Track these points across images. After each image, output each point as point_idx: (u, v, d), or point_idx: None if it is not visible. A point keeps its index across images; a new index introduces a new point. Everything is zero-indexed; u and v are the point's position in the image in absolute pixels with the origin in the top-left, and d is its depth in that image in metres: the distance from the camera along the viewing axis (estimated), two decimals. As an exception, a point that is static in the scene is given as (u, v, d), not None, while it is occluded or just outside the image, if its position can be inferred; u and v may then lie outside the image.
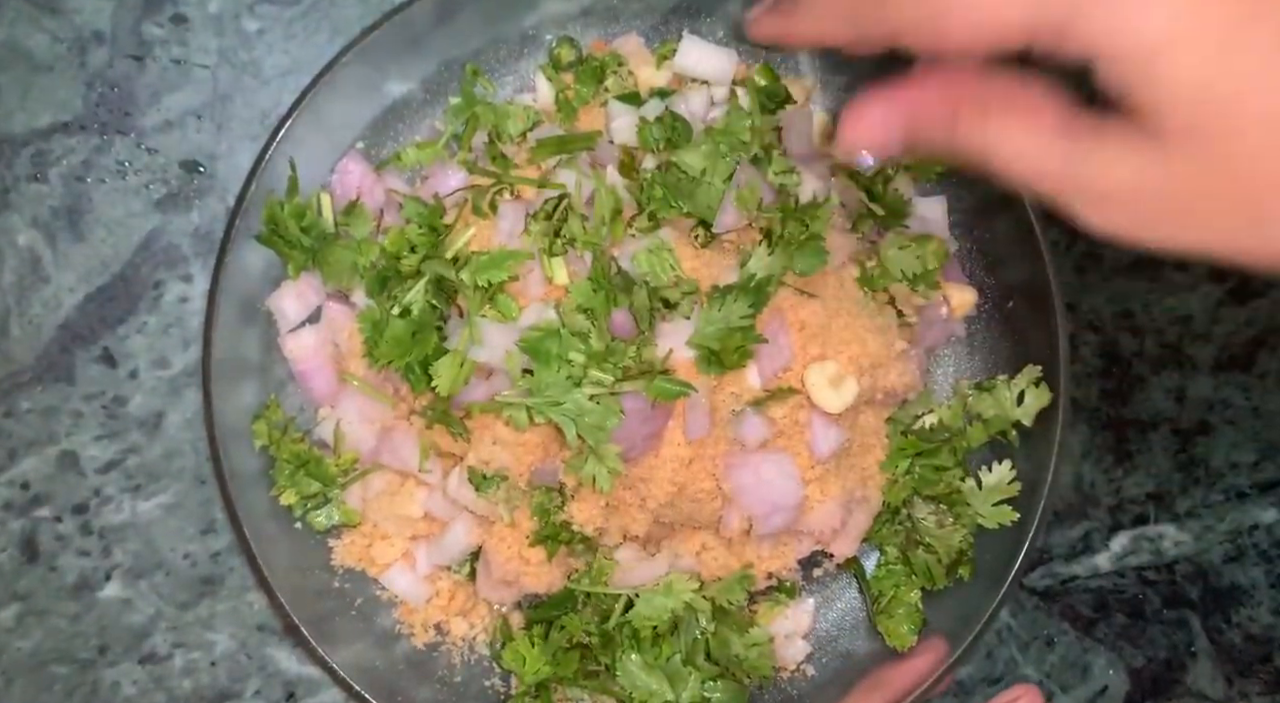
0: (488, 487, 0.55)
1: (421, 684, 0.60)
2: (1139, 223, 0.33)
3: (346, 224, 0.60)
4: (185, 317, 0.65)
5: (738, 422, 0.54)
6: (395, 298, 0.57)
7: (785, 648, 0.62)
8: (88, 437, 0.65)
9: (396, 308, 0.56)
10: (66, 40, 0.65)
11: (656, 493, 0.54)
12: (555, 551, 0.56)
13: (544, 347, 0.52)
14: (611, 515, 0.55)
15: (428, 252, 0.57)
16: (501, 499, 0.56)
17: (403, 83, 0.62)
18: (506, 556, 0.57)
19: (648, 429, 0.53)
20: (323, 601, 0.60)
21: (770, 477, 0.55)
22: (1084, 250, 0.69)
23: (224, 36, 0.66)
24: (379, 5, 0.66)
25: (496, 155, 0.60)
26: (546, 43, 0.63)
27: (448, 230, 0.58)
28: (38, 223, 0.65)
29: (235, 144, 0.66)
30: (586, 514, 0.55)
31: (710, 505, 0.55)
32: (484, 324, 0.54)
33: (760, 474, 0.55)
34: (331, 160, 0.61)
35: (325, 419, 0.60)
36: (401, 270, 0.57)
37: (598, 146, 0.59)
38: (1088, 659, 0.68)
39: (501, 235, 0.57)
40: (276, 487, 0.59)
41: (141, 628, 0.65)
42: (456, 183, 0.60)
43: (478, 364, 0.55)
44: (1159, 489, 0.69)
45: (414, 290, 0.56)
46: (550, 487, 0.55)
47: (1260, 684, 0.68)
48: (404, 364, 0.56)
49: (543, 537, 0.56)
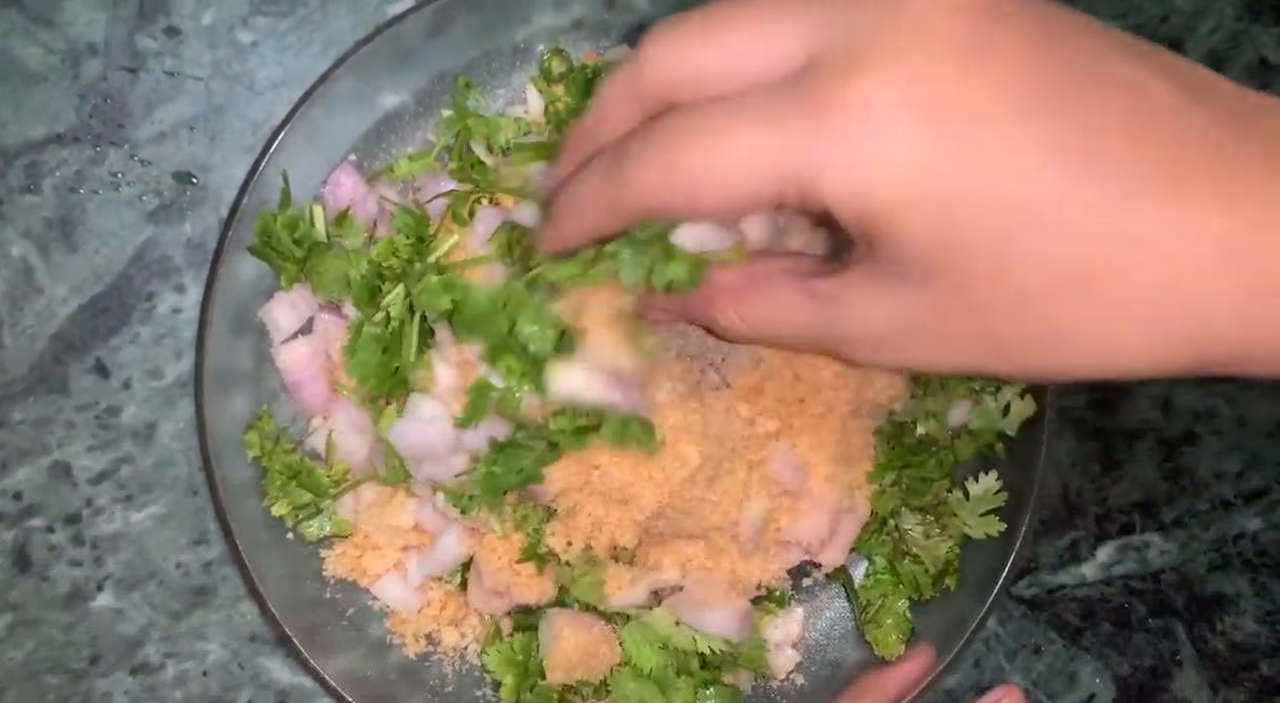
0: (472, 507, 0.55)
1: (413, 694, 0.60)
2: (898, 356, 0.36)
3: (339, 235, 0.60)
4: (178, 327, 0.65)
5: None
6: (380, 309, 0.57)
7: (775, 657, 0.63)
8: (80, 447, 0.65)
9: (377, 319, 0.56)
10: (60, 52, 0.65)
11: (645, 505, 0.54)
12: (544, 566, 0.56)
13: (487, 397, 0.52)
14: (597, 534, 0.56)
15: (405, 263, 0.57)
16: (489, 516, 0.56)
17: (395, 95, 0.62)
18: (497, 566, 0.57)
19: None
20: (315, 611, 0.60)
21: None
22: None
23: (217, 49, 0.66)
24: (372, 18, 0.67)
25: (475, 162, 0.60)
26: (539, 55, 0.64)
27: (432, 239, 0.58)
28: (30, 234, 0.65)
29: (228, 155, 0.66)
30: (566, 540, 0.55)
31: (698, 513, 0.56)
32: (436, 360, 0.55)
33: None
34: (324, 172, 0.61)
35: (317, 430, 0.61)
36: (384, 280, 0.57)
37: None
38: (1075, 667, 0.69)
39: (476, 242, 0.57)
40: (268, 497, 0.59)
41: (134, 638, 0.65)
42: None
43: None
44: (1145, 499, 0.70)
45: (388, 301, 0.56)
46: (537, 502, 0.55)
47: (1245, 692, 0.69)
48: (374, 380, 0.56)
49: (530, 555, 0.56)
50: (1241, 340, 0.31)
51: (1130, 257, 0.31)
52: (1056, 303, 0.32)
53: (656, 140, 0.35)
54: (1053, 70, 0.31)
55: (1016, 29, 0.32)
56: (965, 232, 0.32)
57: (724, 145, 0.33)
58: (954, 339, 0.34)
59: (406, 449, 0.57)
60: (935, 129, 0.31)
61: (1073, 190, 0.31)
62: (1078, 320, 0.32)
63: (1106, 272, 0.31)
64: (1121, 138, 0.31)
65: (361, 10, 0.67)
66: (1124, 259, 0.31)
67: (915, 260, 0.33)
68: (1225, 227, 0.30)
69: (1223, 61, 0.71)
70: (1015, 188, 0.31)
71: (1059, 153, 0.31)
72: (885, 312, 0.35)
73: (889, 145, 0.31)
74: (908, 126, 0.31)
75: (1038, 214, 0.31)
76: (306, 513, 0.60)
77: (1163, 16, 0.70)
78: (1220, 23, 0.71)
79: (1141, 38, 0.34)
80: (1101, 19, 0.33)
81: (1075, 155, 0.31)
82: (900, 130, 0.31)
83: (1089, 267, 0.31)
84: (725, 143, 0.33)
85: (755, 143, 0.33)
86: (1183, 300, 0.31)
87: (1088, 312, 0.32)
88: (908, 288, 0.34)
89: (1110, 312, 0.32)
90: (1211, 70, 0.33)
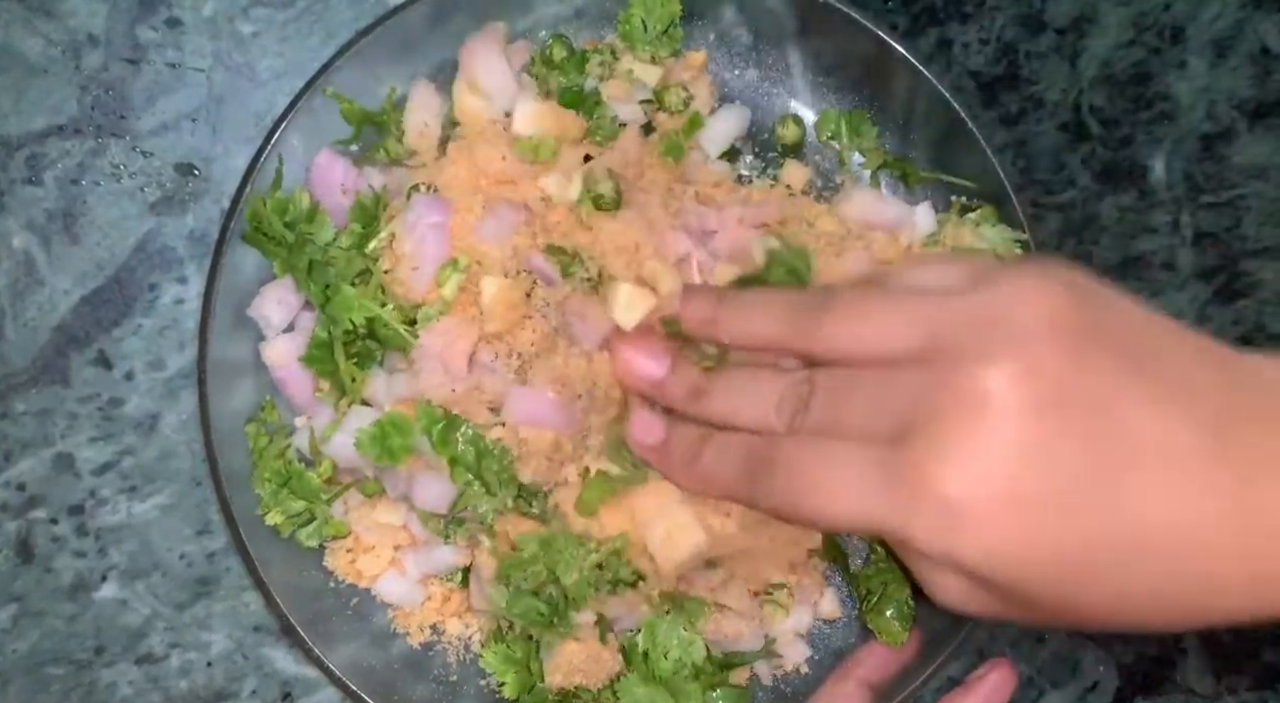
0: (451, 529, 0.56)
1: (417, 683, 0.60)
2: (953, 606, 0.44)
3: (309, 232, 0.58)
4: (180, 319, 0.65)
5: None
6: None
7: (787, 649, 0.62)
8: (83, 438, 0.65)
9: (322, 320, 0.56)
10: (61, 43, 0.65)
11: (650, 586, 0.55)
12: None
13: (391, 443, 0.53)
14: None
15: (347, 253, 0.56)
16: (475, 531, 0.56)
17: (396, 85, 0.62)
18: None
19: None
20: (319, 600, 0.60)
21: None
22: (1072, 251, 0.70)
23: (218, 40, 0.66)
24: (373, 8, 0.66)
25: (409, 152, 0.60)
26: (540, 42, 0.63)
27: (374, 227, 0.57)
28: (32, 226, 0.65)
29: (230, 147, 0.66)
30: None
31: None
32: (374, 369, 0.55)
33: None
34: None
35: (302, 429, 0.60)
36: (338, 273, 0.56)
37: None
38: (1078, 656, 0.69)
39: (407, 228, 0.55)
40: (262, 506, 0.59)
41: (138, 629, 0.65)
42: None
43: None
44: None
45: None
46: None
47: (1249, 680, 0.69)
48: (328, 373, 0.56)
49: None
50: (1246, 600, 0.39)
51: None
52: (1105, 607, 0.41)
53: (785, 482, 0.45)
54: (1108, 453, 0.39)
55: (1084, 404, 0.39)
56: (1024, 581, 0.40)
57: (835, 504, 0.43)
58: (1010, 618, 0.43)
59: (344, 461, 0.57)
60: (1000, 508, 0.39)
61: (1116, 546, 0.39)
62: (1124, 607, 0.41)
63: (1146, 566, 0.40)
64: (1158, 500, 0.39)
65: (363, 0, 0.67)
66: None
67: (984, 584, 0.42)
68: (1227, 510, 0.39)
69: (1225, 49, 0.70)
70: (1072, 548, 0.39)
71: (1111, 518, 0.39)
72: (957, 596, 0.44)
73: (956, 519, 0.40)
74: (974, 505, 0.39)
75: (1088, 562, 0.39)
76: (301, 520, 0.59)
77: (1165, 4, 0.70)
78: (1223, 10, 0.71)
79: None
80: (1106, 7, 0.34)
81: (1120, 520, 0.39)
82: (965, 509, 0.39)
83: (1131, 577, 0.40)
84: (835, 503, 0.43)
85: (857, 506, 0.42)
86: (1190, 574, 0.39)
87: (1134, 602, 0.41)
88: (981, 591, 0.43)
89: (1154, 597, 0.40)
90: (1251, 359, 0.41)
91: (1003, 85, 0.70)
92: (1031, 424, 0.39)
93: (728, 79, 0.65)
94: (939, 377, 0.40)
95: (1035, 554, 0.39)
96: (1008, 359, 0.39)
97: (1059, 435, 0.39)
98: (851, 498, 0.42)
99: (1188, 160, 0.70)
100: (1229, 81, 0.70)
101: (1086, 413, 0.39)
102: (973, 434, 0.39)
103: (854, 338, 0.44)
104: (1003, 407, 0.39)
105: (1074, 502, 0.39)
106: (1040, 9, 0.70)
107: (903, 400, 0.41)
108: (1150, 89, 0.70)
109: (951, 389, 0.40)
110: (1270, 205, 0.70)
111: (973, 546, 0.40)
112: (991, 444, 0.39)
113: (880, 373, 0.43)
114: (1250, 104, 0.70)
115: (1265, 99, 0.70)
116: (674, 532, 0.53)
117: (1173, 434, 0.38)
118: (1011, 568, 0.40)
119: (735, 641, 0.59)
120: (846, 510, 0.43)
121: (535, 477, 0.54)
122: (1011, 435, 0.39)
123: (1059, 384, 0.39)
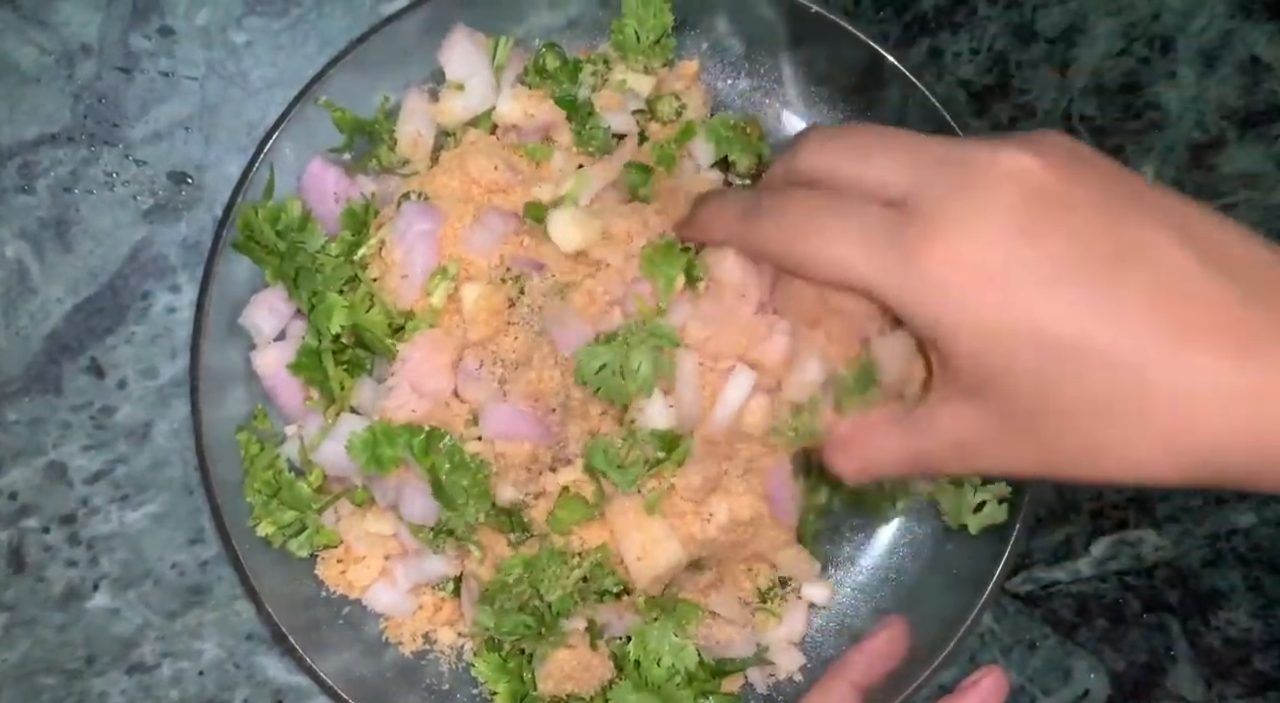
0: (440, 540, 0.56)
1: (409, 692, 0.60)
2: (975, 464, 0.45)
3: (301, 240, 0.58)
4: (173, 327, 0.65)
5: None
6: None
7: (781, 657, 0.62)
8: (75, 447, 0.65)
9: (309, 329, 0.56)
10: (54, 52, 0.65)
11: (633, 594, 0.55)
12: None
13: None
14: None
15: (336, 261, 0.56)
16: (462, 542, 0.56)
17: (390, 94, 0.62)
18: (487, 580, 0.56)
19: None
20: (310, 609, 0.60)
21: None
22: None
23: (212, 48, 0.66)
24: (367, 17, 0.67)
25: (403, 160, 0.60)
26: (534, 50, 0.64)
27: (364, 234, 0.57)
28: (25, 234, 0.65)
29: (223, 155, 0.66)
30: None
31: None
32: (362, 377, 0.55)
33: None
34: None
35: (293, 437, 0.59)
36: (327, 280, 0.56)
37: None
38: (1069, 663, 0.69)
39: (397, 235, 0.55)
40: (253, 516, 0.58)
41: (129, 638, 0.65)
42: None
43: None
44: (1139, 494, 0.70)
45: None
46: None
47: (1239, 687, 0.69)
48: (318, 381, 0.56)
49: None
50: (1248, 470, 0.39)
51: (1150, 393, 0.39)
52: (1091, 422, 0.40)
53: (790, 220, 0.46)
54: (1094, 246, 0.40)
55: (1070, 207, 0.40)
56: (1007, 358, 0.40)
57: (831, 246, 0.44)
58: (1014, 449, 0.43)
59: (332, 469, 0.57)
60: (986, 282, 0.40)
61: (1097, 335, 0.39)
62: (1110, 439, 0.40)
63: (1131, 401, 0.39)
64: (1142, 301, 0.39)
65: (356, 10, 0.67)
66: (1144, 395, 0.39)
67: (973, 379, 0.42)
68: (1231, 381, 0.38)
69: (1214, 59, 0.71)
70: (1050, 326, 0.39)
71: (1088, 308, 0.39)
72: (960, 425, 0.44)
73: (945, 290, 0.41)
74: (963, 278, 0.41)
75: (1069, 348, 0.39)
76: (292, 530, 0.59)
77: (1154, 14, 0.71)
78: (1211, 20, 0.71)
79: (1175, 194, 0.42)
80: (1096, 17, 0.34)
81: (1100, 312, 0.39)
82: (956, 281, 0.41)
83: (1115, 395, 0.39)
84: (832, 245, 0.44)
85: (852, 254, 0.44)
86: (1198, 432, 0.38)
87: (1119, 433, 0.40)
88: (974, 406, 0.43)
89: (1137, 434, 0.39)
90: (1246, 232, 0.40)
91: (994, 95, 0.71)
92: (1037, 213, 0.40)
93: (720, 88, 0.65)
94: (962, 153, 0.42)
95: (1018, 330, 0.40)
96: (1028, 153, 0.41)
97: (1052, 226, 0.40)
98: (851, 246, 0.44)
99: (1178, 169, 0.71)
100: (1218, 91, 0.71)
101: (1086, 215, 0.41)
102: (976, 214, 0.41)
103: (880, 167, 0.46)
104: (1012, 190, 0.41)
105: (1062, 290, 0.40)
106: (1031, 19, 0.70)
107: (923, 167, 0.43)
108: (1140, 98, 0.71)
109: (970, 166, 0.42)
110: (1260, 214, 0.71)
111: (956, 314, 0.41)
112: (990, 225, 0.41)
113: (908, 149, 0.45)
114: (1239, 113, 0.71)
115: (1254, 108, 0.71)
116: (649, 545, 0.53)
117: (1164, 248, 0.40)
118: (993, 346, 0.41)
119: (727, 646, 0.59)
120: (841, 257, 0.44)
121: (514, 490, 0.54)
122: (1010, 222, 0.40)
123: (1068, 186, 0.41)
